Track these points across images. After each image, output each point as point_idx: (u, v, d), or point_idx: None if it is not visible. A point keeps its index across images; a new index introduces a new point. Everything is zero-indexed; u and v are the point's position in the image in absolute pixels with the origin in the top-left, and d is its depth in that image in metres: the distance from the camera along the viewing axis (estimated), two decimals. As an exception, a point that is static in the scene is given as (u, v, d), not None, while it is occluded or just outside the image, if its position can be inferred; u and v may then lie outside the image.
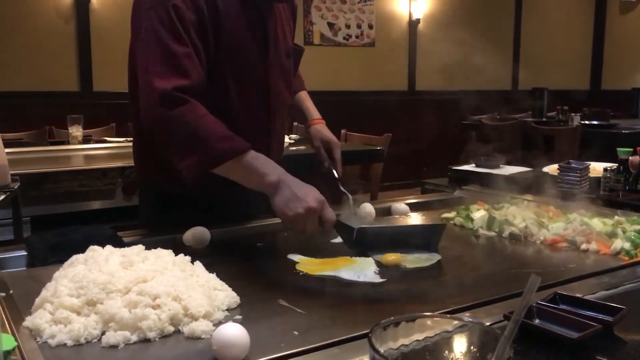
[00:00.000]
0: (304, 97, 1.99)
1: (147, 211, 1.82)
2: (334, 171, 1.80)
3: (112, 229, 1.54)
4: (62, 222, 2.91)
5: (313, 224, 1.40)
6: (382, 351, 0.60)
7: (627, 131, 5.47)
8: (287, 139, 4.49)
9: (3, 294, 1.12)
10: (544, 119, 6.46)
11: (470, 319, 0.65)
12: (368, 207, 1.77)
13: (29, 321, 0.98)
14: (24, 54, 5.46)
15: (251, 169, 1.44)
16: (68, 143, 4.03)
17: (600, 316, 0.97)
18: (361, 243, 1.43)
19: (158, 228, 1.62)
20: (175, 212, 1.68)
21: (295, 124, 5.58)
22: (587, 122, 5.92)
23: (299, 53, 1.88)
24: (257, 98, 1.68)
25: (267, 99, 1.70)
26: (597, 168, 2.16)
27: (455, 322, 0.65)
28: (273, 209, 1.43)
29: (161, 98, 1.42)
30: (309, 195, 1.39)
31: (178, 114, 1.41)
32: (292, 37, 1.86)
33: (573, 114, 6.08)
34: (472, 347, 0.62)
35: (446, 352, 0.62)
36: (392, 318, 0.62)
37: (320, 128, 1.88)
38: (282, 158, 1.88)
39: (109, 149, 3.83)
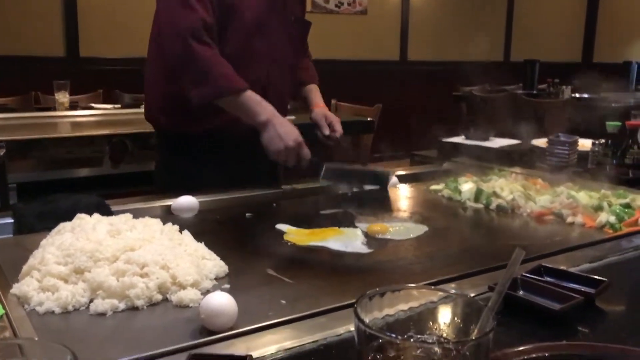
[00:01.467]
0: (313, 88, 2.13)
1: (165, 158, 1.95)
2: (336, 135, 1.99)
3: (99, 197, 1.54)
4: (48, 190, 2.89)
5: (292, 159, 1.70)
6: (367, 321, 0.60)
7: (617, 105, 5.48)
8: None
9: (-10, 261, 1.11)
10: (534, 92, 6.46)
11: (455, 291, 0.66)
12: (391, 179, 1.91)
13: (16, 288, 0.98)
14: (8, 18, 5.34)
15: (246, 106, 1.70)
16: (54, 109, 3.98)
17: (583, 288, 0.98)
18: (324, 177, 1.76)
19: (172, 189, 1.69)
20: (192, 155, 1.85)
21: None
22: (577, 95, 5.92)
23: (306, 25, 2.04)
24: (258, 45, 1.82)
25: (269, 57, 1.85)
26: (585, 144, 2.17)
27: (440, 293, 0.66)
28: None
29: (181, 35, 1.66)
30: (290, 135, 1.68)
31: (200, 49, 1.66)
32: (302, 9, 2.03)
33: (564, 87, 6.08)
34: (455, 318, 0.63)
35: (430, 322, 0.63)
36: (377, 289, 0.63)
37: (323, 109, 2.04)
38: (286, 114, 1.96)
39: (96, 116, 3.78)
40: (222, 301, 0.88)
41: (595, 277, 1.02)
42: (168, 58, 1.74)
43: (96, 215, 1.19)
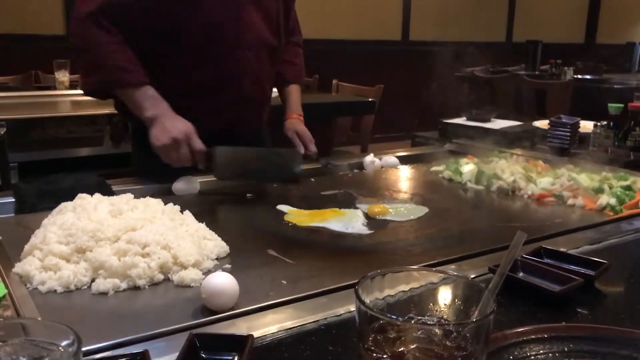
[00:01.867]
0: (294, 90, 1.96)
1: (138, 153, 1.83)
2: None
3: (100, 177, 1.54)
4: (49, 169, 2.89)
5: (182, 154, 1.50)
6: (368, 302, 0.61)
7: (619, 86, 5.45)
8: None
9: (-8, 240, 1.12)
10: (536, 73, 6.42)
11: (456, 273, 0.66)
12: (392, 160, 1.87)
13: (18, 267, 0.98)
14: (7, -5, 5.30)
15: (135, 101, 1.57)
16: (55, 88, 3.96)
17: (583, 270, 0.99)
18: (218, 164, 1.53)
19: (149, 173, 1.64)
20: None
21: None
22: (580, 76, 5.89)
23: (287, 2, 1.83)
24: (228, 32, 1.66)
25: (239, 34, 1.67)
26: (587, 126, 2.16)
27: (441, 274, 0.66)
28: None
29: (74, 24, 1.58)
30: (176, 127, 1.51)
31: (97, 33, 1.54)
32: (278, 33, 1.81)
33: (566, 68, 6.04)
34: (456, 300, 0.63)
35: (431, 304, 0.63)
36: (378, 271, 0.63)
37: (296, 122, 1.87)
38: (267, 105, 1.88)
39: (97, 95, 3.77)
40: (224, 281, 0.88)
41: (595, 259, 1.02)
42: (71, 41, 1.61)
43: (97, 195, 1.19)
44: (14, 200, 1.39)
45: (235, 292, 0.89)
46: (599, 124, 2.07)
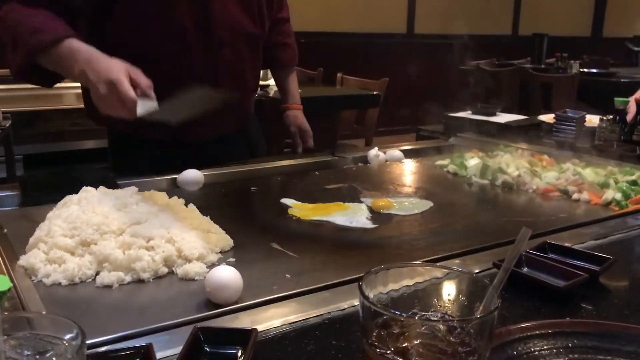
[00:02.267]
0: (291, 77, 1.90)
1: (114, 156, 1.75)
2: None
3: (105, 170, 1.54)
4: (54, 161, 2.91)
5: (122, 91, 1.21)
6: (371, 297, 0.61)
7: (626, 80, 5.42)
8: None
9: (-3, 233, 1.12)
10: (542, 66, 6.39)
11: (460, 268, 0.66)
12: (397, 153, 1.87)
13: (23, 260, 0.99)
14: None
15: (59, 61, 1.33)
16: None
17: (588, 265, 0.98)
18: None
19: (127, 171, 1.57)
20: (140, 157, 1.63)
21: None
22: (586, 70, 5.86)
23: (259, 40, 1.70)
24: (196, 22, 1.51)
25: (209, 26, 1.52)
26: (593, 120, 2.15)
27: (445, 270, 0.66)
28: None
29: None
30: (111, 67, 1.24)
31: (10, 10, 1.36)
32: (260, 21, 1.67)
33: (572, 62, 6.01)
34: (460, 296, 0.63)
35: (435, 299, 0.63)
36: (382, 266, 0.63)
37: (298, 114, 1.83)
38: (253, 95, 1.82)
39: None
40: (228, 275, 0.88)
41: (600, 254, 1.02)
42: None
43: (102, 188, 1.19)
44: (19, 192, 1.40)
45: (239, 286, 0.89)
46: (604, 118, 2.06)
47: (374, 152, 1.87)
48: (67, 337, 0.55)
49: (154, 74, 1.30)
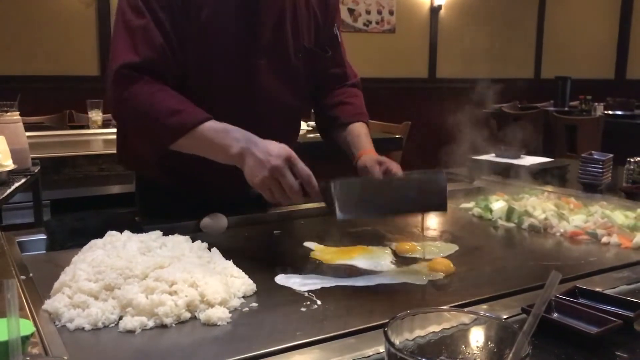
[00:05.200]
0: (361, 131, 1.66)
1: (141, 200, 1.76)
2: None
3: (130, 214, 1.55)
4: (81, 206, 2.95)
5: (286, 184, 1.22)
6: (397, 343, 0.59)
7: (651, 122, 5.37)
8: (305, 126, 4.47)
9: (23, 277, 1.13)
10: (566, 109, 6.37)
11: (488, 314, 0.64)
12: None
13: (48, 304, 0.99)
14: (44, 38, 5.50)
15: (210, 142, 1.32)
16: (88, 127, 4.07)
17: (621, 311, 0.95)
18: (338, 199, 1.21)
19: (154, 217, 1.58)
20: (166, 204, 1.63)
21: (313, 110, 5.57)
22: (610, 112, 5.82)
23: (316, 56, 1.63)
24: (239, 97, 1.51)
25: (253, 101, 1.52)
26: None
27: (472, 315, 0.64)
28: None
29: (114, 76, 1.37)
30: (271, 153, 1.24)
31: (130, 93, 1.36)
32: (313, 37, 1.64)
33: (596, 104, 5.98)
34: (489, 342, 0.61)
35: (463, 346, 0.62)
36: (408, 311, 0.61)
37: (374, 156, 1.54)
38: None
39: (128, 134, 3.85)
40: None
41: (634, 299, 0.99)
42: (113, 108, 1.44)
43: (127, 233, 1.20)
44: (45, 237, 1.41)
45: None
46: (632, 160, 2.03)
47: (397, 195, 1.86)
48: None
49: None
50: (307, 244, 1.41)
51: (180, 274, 1.01)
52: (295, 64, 1.59)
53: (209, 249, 1.21)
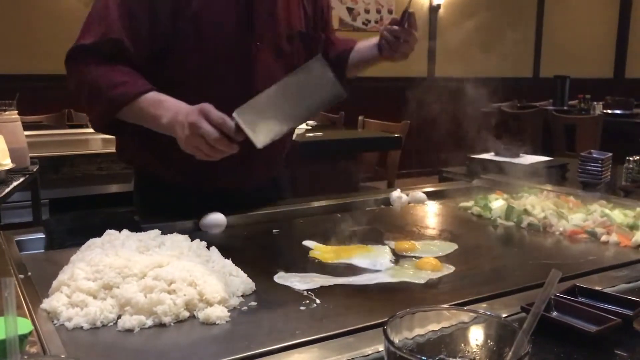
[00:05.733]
0: (355, 46, 1.86)
1: (140, 198, 1.77)
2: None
3: (129, 213, 1.55)
4: (79, 205, 2.94)
5: (205, 133, 1.27)
6: (397, 342, 0.59)
7: (650, 121, 5.37)
8: (304, 125, 4.47)
9: (21, 276, 1.13)
10: (565, 108, 6.37)
11: (488, 312, 0.64)
12: (420, 195, 1.84)
13: (46, 303, 0.99)
14: (43, 37, 5.49)
15: (146, 113, 1.41)
16: (86, 127, 4.05)
17: (620, 310, 0.95)
18: (249, 129, 1.27)
19: (153, 215, 1.58)
20: (165, 201, 1.64)
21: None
22: (609, 111, 5.83)
23: (310, 39, 1.70)
24: (237, 84, 1.54)
25: (251, 87, 1.50)
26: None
27: (472, 314, 0.64)
28: None
29: (65, 57, 1.47)
30: (187, 114, 1.31)
31: (77, 70, 1.46)
32: (306, 22, 1.70)
33: (595, 103, 5.99)
34: (489, 341, 0.61)
35: (462, 344, 0.61)
36: (407, 310, 0.61)
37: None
38: (285, 151, 1.81)
39: (127, 133, 3.85)
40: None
41: (633, 298, 0.98)
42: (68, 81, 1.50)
43: (125, 232, 1.20)
44: (44, 236, 1.41)
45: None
46: (631, 158, 2.03)
47: (396, 194, 1.86)
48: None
49: None
50: (306, 242, 1.41)
51: (179, 273, 1.01)
52: (290, 50, 1.64)
53: (208, 247, 1.21)
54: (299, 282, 1.15)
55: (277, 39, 1.61)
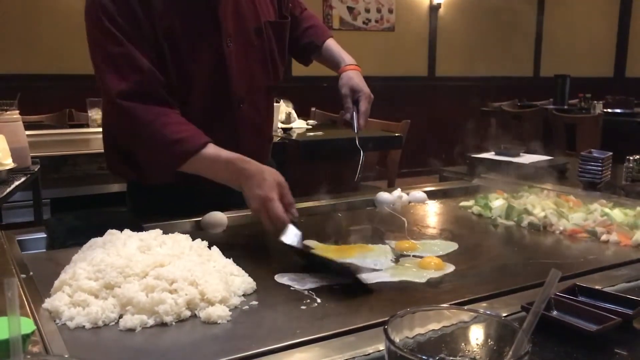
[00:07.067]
0: (332, 44, 1.85)
1: (132, 202, 1.77)
2: (355, 123, 1.71)
3: (130, 212, 1.55)
4: (81, 205, 2.94)
5: (273, 215, 1.33)
6: (397, 341, 0.59)
7: (650, 120, 5.37)
8: (304, 124, 4.48)
9: (23, 276, 1.13)
10: (565, 107, 6.37)
11: (488, 311, 0.65)
12: (420, 195, 1.86)
13: (48, 303, 0.99)
14: (44, 37, 5.50)
15: (207, 170, 1.44)
16: (87, 126, 4.07)
17: (620, 309, 0.95)
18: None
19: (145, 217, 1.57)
20: (157, 203, 1.64)
21: (313, 109, 5.57)
22: (609, 110, 5.83)
23: (280, 26, 1.72)
24: (214, 86, 1.58)
25: (228, 86, 1.58)
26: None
27: (472, 313, 0.64)
28: None
29: (116, 109, 1.45)
30: (262, 184, 1.35)
31: (132, 123, 1.45)
32: (271, 10, 1.70)
33: (595, 102, 5.98)
34: (489, 340, 0.61)
35: (463, 343, 0.62)
36: (408, 309, 0.62)
37: (353, 75, 1.73)
38: (270, 144, 1.84)
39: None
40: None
41: (633, 297, 0.99)
42: (118, 136, 1.56)
43: (127, 231, 1.20)
44: (45, 235, 1.41)
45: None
46: (631, 157, 2.04)
47: (397, 193, 1.86)
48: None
49: None
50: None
51: (180, 272, 1.02)
52: (261, 42, 1.66)
53: (209, 247, 1.21)
54: (300, 281, 1.15)
55: (246, 35, 1.63)
